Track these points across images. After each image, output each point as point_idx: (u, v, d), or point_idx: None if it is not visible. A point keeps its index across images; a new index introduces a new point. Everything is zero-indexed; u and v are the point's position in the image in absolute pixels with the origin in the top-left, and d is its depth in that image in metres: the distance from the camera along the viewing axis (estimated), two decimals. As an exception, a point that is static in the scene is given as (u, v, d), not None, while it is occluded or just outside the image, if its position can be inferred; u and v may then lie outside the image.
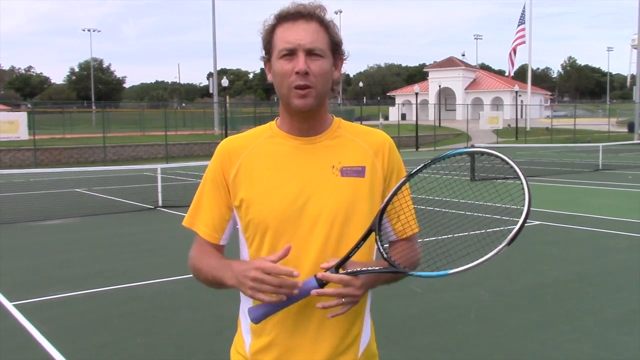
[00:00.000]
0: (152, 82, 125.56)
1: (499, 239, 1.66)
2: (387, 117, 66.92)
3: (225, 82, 42.01)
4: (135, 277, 7.62)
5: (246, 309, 1.90)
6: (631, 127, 48.66)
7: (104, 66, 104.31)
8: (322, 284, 1.70)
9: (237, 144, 1.92)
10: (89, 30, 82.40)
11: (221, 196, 1.91)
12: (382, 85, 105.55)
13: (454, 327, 5.67)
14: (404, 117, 64.13)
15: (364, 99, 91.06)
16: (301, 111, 1.81)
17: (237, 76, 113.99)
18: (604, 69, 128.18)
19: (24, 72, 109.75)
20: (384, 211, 1.81)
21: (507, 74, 65.97)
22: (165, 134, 33.50)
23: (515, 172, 1.71)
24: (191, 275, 1.98)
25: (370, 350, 1.94)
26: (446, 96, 72.06)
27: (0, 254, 9.19)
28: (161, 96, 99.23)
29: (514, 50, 61.63)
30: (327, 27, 1.81)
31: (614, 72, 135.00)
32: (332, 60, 1.83)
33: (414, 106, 51.15)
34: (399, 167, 1.93)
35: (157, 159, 32.12)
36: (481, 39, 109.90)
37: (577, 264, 8.02)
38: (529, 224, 10.83)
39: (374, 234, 1.79)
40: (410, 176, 1.86)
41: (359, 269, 1.72)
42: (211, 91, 49.38)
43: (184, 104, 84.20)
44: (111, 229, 11.30)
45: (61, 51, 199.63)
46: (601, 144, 24.30)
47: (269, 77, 1.86)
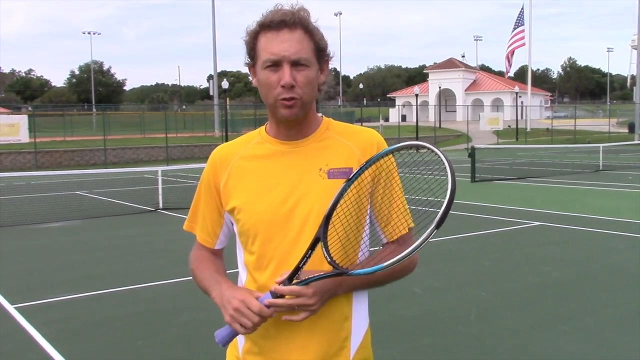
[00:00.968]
0: (153, 84, 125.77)
1: (427, 225, 1.64)
2: (387, 119, 66.94)
3: (225, 84, 41.99)
4: (136, 279, 7.63)
5: None
6: (632, 128, 48.64)
7: (105, 69, 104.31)
8: (277, 297, 1.72)
9: (227, 151, 1.94)
10: (89, 32, 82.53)
11: (213, 202, 1.95)
12: (382, 86, 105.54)
13: (454, 328, 5.67)
14: (404, 118, 64.14)
15: (364, 101, 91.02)
16: (288, 120, 1.82)
17: (237, 78, 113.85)
18: (604, 69, 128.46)
19: (24, 75, 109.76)
20: (328, 219, 1.75)
21: (505, 74, 65.79)
22: (165, 136, 33.51)
23: (438, 157, 1.68)
24: (191, 277, 2.01)
25: (363, 352, 1.92)
26: (446, 97, 72.07)
27: (1, 257, 9.21)
28: (161, 98, 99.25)
29: (512, 52, 61.60)
30: (311, 33, 1.78)
31: (614, 73, 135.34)
32: (317, 66, 1.81)
33: (414, 107, 51.14)
34: (389, 168, 1.87)
35: (157, 161, 32.15)
36: (481, 40, 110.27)
37: (577, 265, 8.02)
38: (529, 224, 10.85)
39: (320, 244, 1.74)
40: (349, 180, 1.80)
41: (307, 277, 1.71)
42: (211, 93, 49.35)
43: (184, 106, 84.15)
44: (112, 232, 11.31)
45: (61, 54, 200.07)
46: (601, 145, 24.32)
47: (254, 82, 1.86)
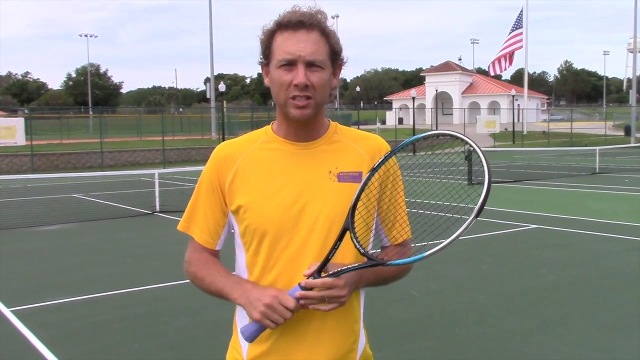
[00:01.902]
0: (149, 87, 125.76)
1: (466, 213, 1.67)
2: (384, 122, 66.98)
3: (222, 87, 42.00)
4: (132, 282, 7.61)
5: (241, 315, 1.91)
6: (628, 131, 48.76)
7: (101, 71, 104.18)
8: (307, 291, 1.71)
9: (233, 149, 1.91)
10: (86, 35, 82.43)
11: (217, 201, 1.90)
12: (379, 89, 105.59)
13: (452, 331, 5.67)
14: (401, 121, 64.19)
15: (361, 104, 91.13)
16: (299, 120, 1.82)
17: (234, 81, 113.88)
18: (601, 72, 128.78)
19: (21, 77, 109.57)
20: (354, 208, 1.79)
21: (496, 73, 65.22)
22: (162, 139, 33.44)
23: (474, 149, 1.75)
24: (188, 280, 1.98)
25: (366, 353, 1.95)
26: (443, 100, 72.15)
27: (-3, 260, 9.18)
28: (158, 101, 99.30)
29: (512, 53, 61.49)
30: (327, 36, 1.79)
31: (610, 76, 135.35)
32: (331, 69, 1.82)
33: (411, 110, 51.17)
34: (395, 173, 1.92)
35: (154, 164, 32.06)
36: (478, 43, 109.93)
37: (574, 268, 8.04)
38: (526, 227, 10.86)
39: (349, 233, 1.77)
40: (373, 170, 1.84)
41: (339, 269, 1.73)
42: (208, 96, 49.32)
43: (181, 109, 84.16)
44: (108, 234, 11.28)
45: (58, 56, 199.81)
46: (598, 148, 24.37)
47: (266, 82, 1.86)
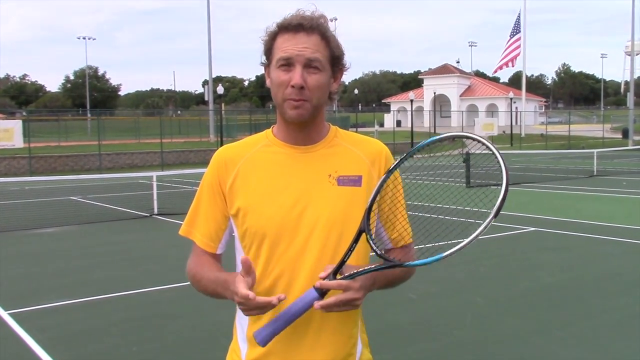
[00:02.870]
0: (148, 89, 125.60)
1: (483, 215, 1.69)
2: (382, 124, 67.09)
3: (220, 89, 42.03)
4: (130, 285, 7.60)
5: (242, 318, 1.91)
6: (625, 134, 48.85)
7: (99, 74, 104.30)
8: (322, 293, 1.68)
9: (234, 153, 1.92)
10: (84, 38, 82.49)
11: (218, 205, 1.90)
12: (377, 92, 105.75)
13: (450, 334, 5.67)
14: (399, 124, 64.31)
15: (359, 106, 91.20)
16: (295, 122, 1.82)
17: (232, 83, 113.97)
18: (598, 75, 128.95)
19: (19, 80, 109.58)
20: (370, 210, 1.80)
21: (497, 69, 65.22)
22: (160, 142, 33.44)
23: (492, 151, 1.82)
24: (187, 283, 1.98)
25: (365, 357, 1.95)
26: (441, 103, 72.26)
27: (-5, 263, 9.16)
28: (156, 104, 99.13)
29: (514, 59, 61.56)
30: (327, 40, 1.80)
31: (607, 79, 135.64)
32: (330, 73, 1.83)
33: (409, 113, 51.22)
34: (395, 176, 1.92)
35: (152, 166, 32.03)
36: (476, 46, 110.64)
37: (572, 270, 8.04)
38: (524, 230, 10.87)
39: (364, 235, 1.77)
40: (389, 172, 1.86)
41: (355, 271, 1.72)
42: (206, 99, 49.37)
43: (179, 112, 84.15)
44: (106, 237, 11.28)
45: (56, 59, 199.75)
46: (595, 150, 24.42)
47: (268, 82, 1.87)
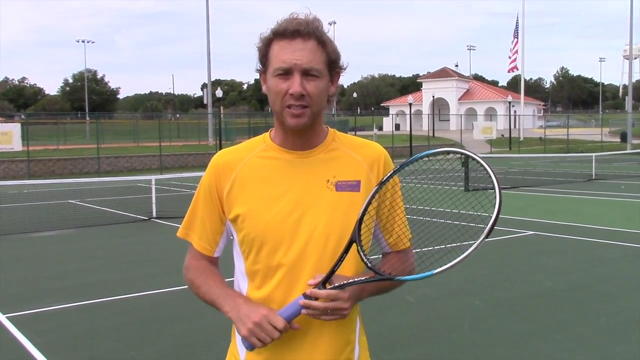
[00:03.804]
0: (146, 92, 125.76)
1: (476, 234, 1.69)
2: (381, 128, 67.11)
3: (219, 92, 42.01)
4: (129, 288, 7.59)
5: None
6: (624, 137, 48.88)
7: (98, 77, 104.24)
8: (311, 300, 1.71)
9: (231, 158, 1.91)
10: (83, 41, 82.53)
11: (214, 209, 1.90)
12: (376, 95, 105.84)
13: (448, 337, 5.67)
14: (397, 127, 64.35)
15: (358, 110, 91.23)
16: (295, 129, 1.81)
17: (231, 87, 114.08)
18: (597, 79, 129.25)
19: (17, 83, 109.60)
20: (361, 221, 1.79)
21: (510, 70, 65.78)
22: (159, 145, 33.45)
23: (484, 168, 1.79)
24: (185, 286, 1.98)
25: (363, 359, 1.95)
26: (440, 106, 72.31)
27: (-7, 266, 9.15)
28: (155, 107, 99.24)
29: (515, 67, 62.00)
30: (324, 44, 1.78)
31: (606, 83, 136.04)
32: (328, 78, 1.82)
33: (408, 116, 51.25)
34: (393, 181, 1.91)
35: (151, 169, 32.04)
36: (474, 49, 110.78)
37: (570, 274, 8.04)
38: (523, 233, 10.87)
39: (355, 245, 1.77)
40: (381, 184, 1.84)
41: (345, 282, 1.72)
42: (205, 102, 49.39)
43: (178, 115, 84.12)
44: (105, 240, 11.27)
45: (55, 62, 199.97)
46: (594, 154, 24.43)
47: (264, 89, 1.86)
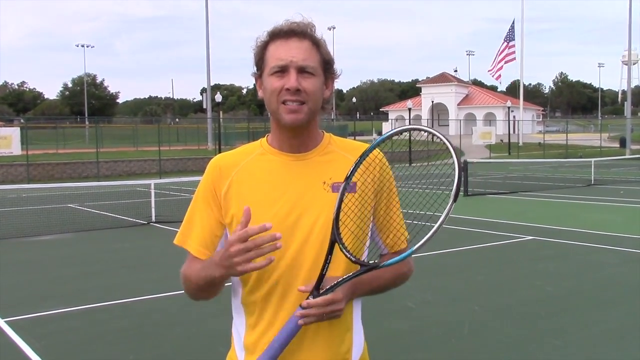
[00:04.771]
0: (146, 97, 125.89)
1: (444, 201, 1.71)
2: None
3: (218, 97, 42.12)
4: (128, 293, 7.59)
5: (239, 325, 1.92)
6: (623, 143, 48.92)
7: (98, 81, 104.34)
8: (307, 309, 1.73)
9: (228, 161, 1.92)
10: (83, 45, 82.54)
11: (212, 212, 1.90)
12: (375, 100, 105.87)
13: (448, 343, 5.67)
14: (397, 132, 64.24)
15: (357, 115, 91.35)
16: (291, 127, 1.82)
17: (230, 91, 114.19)
18: (595, 84, 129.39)
19: (17, 87, 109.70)
20: (337, 220, 1.79)
21: (494, 75, 65.79)
22: (158, 149, 33.47)
23: (442, 141, 1.79)
24: (184, 291, 1.97)
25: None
26: (439, 111, 72.39)
27: (-8, 270, 9.14)
28: (154, 111, 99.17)
29: (501, 67, 61.99)
30: (319, 46, 1.83)
31: (605, 88, 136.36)
32: (323, 79, 1.85)
33: (407, 122, 51.31)
34: (389, 183, 1.93)
35: (150, 174, 32.03)
36: (473, 55, 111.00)
37: (569, 279, 8.04)
38: (522, 238, 10.87)
39: (337, 245, 1.77)
40: (347, 179, 1.83)
41: (335, 283, 1.74)
42: (205, 106, 49.45)
43: (177, 119, 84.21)
44: (104, 245, 11.26)
45: (54, 66, 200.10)
46: (593, 159, 24.44)
47: (260, 94, 1.88)
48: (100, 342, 5.80)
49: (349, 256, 1.77)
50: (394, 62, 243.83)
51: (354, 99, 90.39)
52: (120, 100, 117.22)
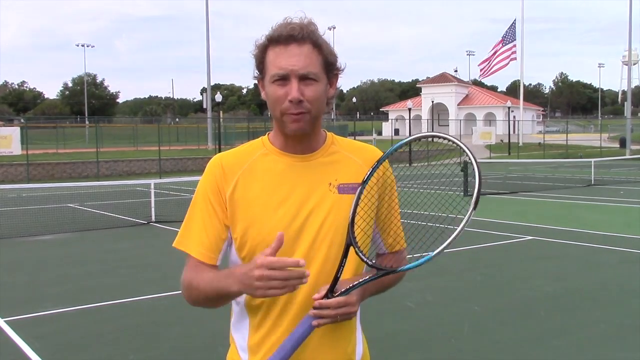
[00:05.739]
0: (146, 97, 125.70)
1: (464, 207, 1.74)
2: (380, 133, 67.08)
3: (218, 97, 42.13)
4: (128, 292, 7.58)
5: (241, 327, 1.90)
6: (623, 143, 48.92)
7: (98, 81, 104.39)
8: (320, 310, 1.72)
9: (231, 161, 1.88)
10: (83, 45, 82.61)
11: (217, 214, 1.84)
12: (375, 100, 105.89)
13: (448, 342, 5.66)
14: (397, 132, 64.29)
15: (357, 115, 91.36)
16: (294, 135, 1.80)
17: (230, 91, 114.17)
18: (596, 84, 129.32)
19: (17, 87, 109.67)
20: (353, 223, 1.79)
21: (480, 76, 65.85)
22: (158, 149, 33.48)
23: (462, 150, 1.82)
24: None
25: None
26: (439, 111, 72.35)
27: (-8, 270, 9.13)
28: (154, 111, 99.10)
29: (504, 67, 61.80)
30: (320, 47, 1.77)
31: (605, 88, 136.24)
32: (326, 80, 1.81)
33: (407, 121, 51.31)
34: (392, 183, 1.94)
35: (150, 174, 32.03)
36: (473, 55, 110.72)
37: (570, 279, 8.04)
38: (522, 238, 10.87)
39: (352, 249, 1.77)
40: (364, 182, 1.84)
41: (351, 285, 1.73)
42: (205, 106, 49.48)
43: (177, 119, 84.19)
44: (104, 245, 11.25)
45: (55, 66, 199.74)
46: (593, 160, 24.44)
47: (263, 96, 1.85)
48: (100, 341, 5.80)
49: (365, 260, 1.77)
50: (394, 62, 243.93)
51: (354, 99, 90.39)
52: (120, 100, 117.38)
